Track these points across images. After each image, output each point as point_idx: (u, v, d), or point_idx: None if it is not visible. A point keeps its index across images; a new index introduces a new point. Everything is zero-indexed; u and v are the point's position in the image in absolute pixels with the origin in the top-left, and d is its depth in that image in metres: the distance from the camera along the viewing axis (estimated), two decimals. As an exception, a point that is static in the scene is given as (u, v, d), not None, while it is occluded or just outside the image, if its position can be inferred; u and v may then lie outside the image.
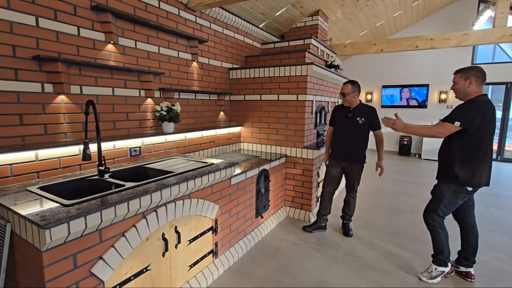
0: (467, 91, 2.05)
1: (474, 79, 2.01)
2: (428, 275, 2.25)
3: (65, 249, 1.24)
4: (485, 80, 2.04)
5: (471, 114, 1.94)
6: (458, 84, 2.10)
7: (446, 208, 2.14)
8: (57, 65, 1.82)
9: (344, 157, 2.88)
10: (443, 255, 2.22)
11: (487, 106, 1.96)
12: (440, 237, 2.20)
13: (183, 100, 2.95)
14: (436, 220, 2.18)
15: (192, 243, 2.01)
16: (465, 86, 2.05)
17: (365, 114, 2.79)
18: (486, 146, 1.98)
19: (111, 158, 2.22)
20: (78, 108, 2.03)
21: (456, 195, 2.08)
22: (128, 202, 1.45)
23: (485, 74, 2.03)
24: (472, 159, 1.99)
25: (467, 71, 2.06)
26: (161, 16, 2.63)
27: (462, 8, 7.06)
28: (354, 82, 2.80)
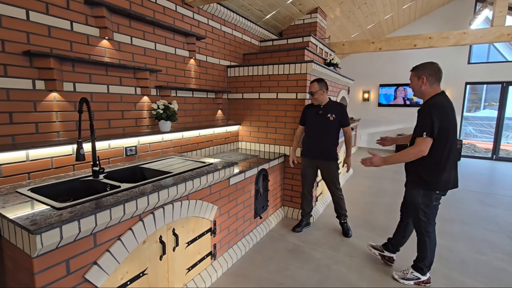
0: (422, 91, 2.00)
1: (426, 79, 1.95)
2: (402, 274, 2.25)
3: (57, 255, 1.18)
4: (441, 77, 1.97)
5: (432, 122, 1.86)
6: (413, 82, 2.04)
7: (427, 212, 2.06)
8: (49, 61, 1.75)
9: (317, 155, 2.88)
10: (424, 262, 2.16)
11: (444, 107, 1.90)
12: (425, 245, 2.13)
13: (180, 98, 2.88)
14: (423, 226, 2.10)
15: (190, 245, 1.96)
16: (419, 86, 1.99)
17: (335, 111, 2.81)
18: (449, 149, 1.93)
19: (106, 158, 2.15)
20: (71, 106, 1.96)
21: (427, 198, 2.02)
22: (124, 204, 1.39)
23: (440, 70, 1.95)
24: (436, 163, 1.94)
25: (420, 69, 1.99)
26: (157, 12, 2.55)
27: (459, 7, 7.07)
28: (320, 80, 2.78)
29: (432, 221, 2.09)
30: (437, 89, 1.98)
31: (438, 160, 1.93)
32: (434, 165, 1.95)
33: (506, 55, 8.49)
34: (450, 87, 7.40)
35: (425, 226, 2.09)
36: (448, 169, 1.95)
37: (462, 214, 3.66)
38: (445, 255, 2.63)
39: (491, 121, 8.82)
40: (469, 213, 3.68)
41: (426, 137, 1.88)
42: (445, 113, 1.88)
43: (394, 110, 8.17)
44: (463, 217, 3.54)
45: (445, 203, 4.01)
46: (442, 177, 1.95)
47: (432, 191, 2.00)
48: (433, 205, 2.04)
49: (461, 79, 7.28)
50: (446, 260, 2.54)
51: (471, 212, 3.72)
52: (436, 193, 2.01)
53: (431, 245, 2.12)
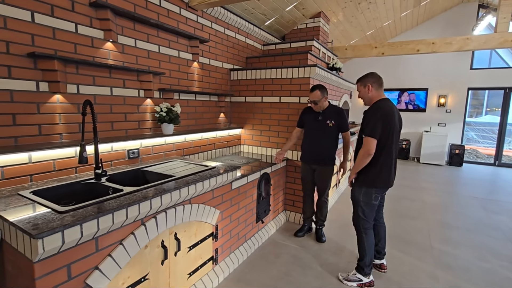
0: (370, 97, 2.17)
1: (371, 85, 2.14)
2: (345, 276, 2.29)
3: (59, 260, 1.16)
4: (383, 83, 2.17)
5: (375, 124, 2.02)
6: (361, 92, 2.22)
7: (365, 210, 2.18)
8: (53, 62, 1.74)
9: (315, 160, 2.86)
10: (364, 261, 2.22)
11: (386, 110, 2.05)
12: (363, 241, 2.22)
13: (183, 101, 2.88)
14: (361, 224, 2.21)
15: (192, 250, 1.94)
16: (366, 93, 2.17)
17: (335, 116, 2.78)
18: (388, 149, 2.07)
19: (109, 160, 2.14)
20: (75, 108, 1.95)
21: (368, 196, 2.15)
22: (127, 208, 1.38)
23: (380, 78, 2.17)
24: (375, 162, 2.07)
25: (364, 79, 2.19)
26: (161, 15, 2.55)
27: (462, 13, 7.08)
28: (321, 87, 2.70)
29: (370, 219, 2.20)
30: (381, 95, 2.16)
31: (376, 159, 2.07)
32: (373, 164, 2.08)
33: (509, 61, 8.49)
34: (452, 92, 7.39)
35: (363, 223, 2.21)
36: (386, 169, 2.10)
37: (465, 220, 3.62)
38: (448, 262, 2.60)
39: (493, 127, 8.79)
40: (472, 220, 3.65)
41: (371, 140, 2.02)
42: (386, 116, 2.03)
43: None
44: (467, 224, 3.51)
45: (449, 209, 4.00)
46: (380, 176, 2.10)
47: (373, 189, 2.12)
48: (372, 203, 2.15)
49: (464, 85, 7.27)
50: (449, 267, 2.51)
51: (474, 219, 3.68)
52: (375, 191, 2.13)
53: (369, 241, 2.21)
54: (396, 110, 2.13)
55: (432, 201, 4.35)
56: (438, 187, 5.20)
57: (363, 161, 2.08)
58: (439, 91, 7.55)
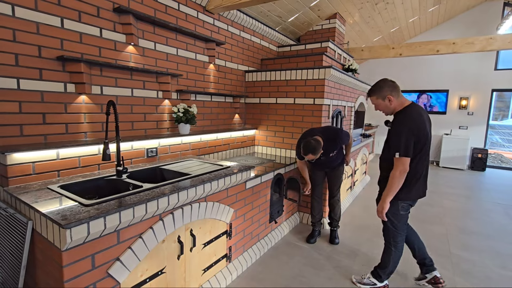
0: (392, 108, 1.99)
1: (391, 96, 1.95)
2: (359, 278, 2.25)
3: (84, 249, 1.24)
4: (399, 87, 1.98)
5: (407, 141, 1.84)
6: (380, 105, 2.03)
7: (394, 222, 2.03)
8: (80, 65, 1.85)
9: (327, 167, 2.89)
10: (384, 270, 2.15)
11: (417, 121, 1.87)
12: (390, 253, 2.10)
13: (199, 102, 2.95)
14: (392, 236, 2.08)
15: (207, 246, 1.99)
16: (388, 106, 1.99)
17: (334, 146, 2.68)
18: (419, 161, 1.91)
19: (129, 158, 2.23)
20: (98, 108, 2.06)
21: (395, 207, 2.00)
22: (146, 203, 1.44)
23: (394, 82, 1.98)
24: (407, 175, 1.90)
25: (379, 90, 1.99)
26: (180, 19, 2.64)
27: (486, 12, 6.81)
28: (318, 142, 2.48)
29: (401, 230, 2.06)
30: (404, 101, 1.98)
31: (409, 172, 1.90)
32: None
33: (537, 61, 8.06)
34: (475, 94, 7.11)
35: (393, 235, 2.07)
36: (416, 180, 1.95)
37: (488, 227, 3.48)
38: (468, 269, 2.51)
39: (519, 130, 8.35)
40: (495, 226, 3.50)
41: (403, 159, 1.85)
42: (418, 129, 1.86)
43: (414, 117, 7.93)
44: (489, 230, 3.37)
45: (470, 215, 3.86)
46: (409, 188, 1.94)
47: (399, 201, 1.98)
48: (400, 214, 2.01)
49: (487, 86, 6.98)
50: (469, 275, 2.43)
51: (497, 225, 3.53)
52: (403, 203, 1.99)
53: (396, 255, 2.10)
54: (426, 114, 1.96)
55: (452, 207, 4.20)
56: (459, 192, 5.02)
57: (400, 182, 1.89)
58: (461, 93, 7.28)
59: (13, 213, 1.44)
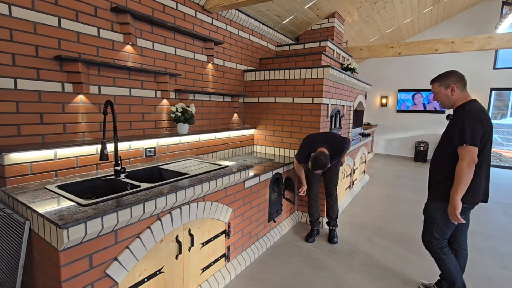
0: (453, 99, 1.86)
1: (455, 86, 1.82)
2: None
3: (82, 249, 1.23)
4: (466, 83, 1.87)
5: (474, 130, 1.68)
6: (440, 94, 1.89)
7: (442, 229, 1.89)
8: (77, 65, 1.85)
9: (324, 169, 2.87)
10: (455, 286, 1.95)
11: (483, 114, 1.74)
12: (444, 262, 1.95)
13: (197, 102, 2.95)
14: (435, 244, 1.95)
15: (205, 246, 1.99)
16: (448, 95, 1.85)
17: (338, 156, 2.76)
18: (482, 160, 1.75)
19: (127, 158, 2.23)
20: (96, 108, 2.05)
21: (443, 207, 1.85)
22: (144, 203, 1.44)
23: (463, 76, 1.86)
24: None
25: (445, 78, 1.86)
26: (178, 18, 2.64)
27: (485, 11, 6.81)
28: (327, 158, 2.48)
29: (445, 237, 1.94)
30: (468, 95, 1.85)
31: None
32: None
33: (536, 60, 8.06)
34: (474, 93, 7.09)
35: (436, 243, 1.94)
36: (478, 182, 1.76)
37: (487, 227, 3.48)
38: (468, 270, 2.50)
39: (518, 129, 8.37)
40: (495, 226, 3.50)
41: (471, 148, 1.67)
42: (483, 121, 1.71)
43: (413, 116, 7.94)
44: (489, 230, 3.37)
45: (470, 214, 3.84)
46: (469, 191, 1.73)
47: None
48: (451, 222, 1.84)
49: (486, 85, 6.99)
50: (470, 275, 2.43)
51: (497, 225, 3.53)
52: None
53: (452, 261, 1.94)
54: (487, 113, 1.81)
55: (451, 205, 4.20)
56: (458, 191, 5.01)
57: (469, 175, 1.69)
58: (460, 92, 7.28)
59: (11, 213, 1.43)
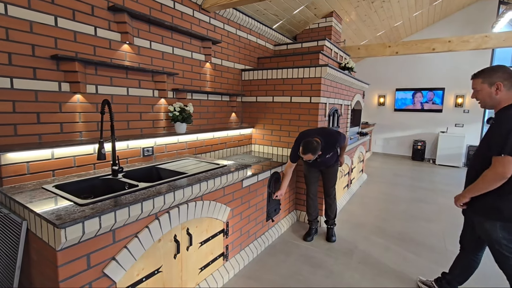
0: (497, 99, 1.63)
1: (502, 84, 1.59)
2: None
3: (79, 249, 1.23)
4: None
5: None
6: (482, 91, 1.68)
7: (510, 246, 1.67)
8: (74, 64, 1.84)
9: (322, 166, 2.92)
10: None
11: None
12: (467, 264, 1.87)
13: (195, 101, 2.94)
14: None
15: (203, 245, 1.99)
16: (492, 94, 1.63)
17: (332, 148, 2.70)
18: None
19: (125, 157, 2.22)
20: (93, 107, 2.04)
21: (509, 231, 1.64)
22: (142, 203, 1.44)
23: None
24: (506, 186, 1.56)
25: (490, 74, 1.64)
26: (175, 17, 2.63)
27: (481, 10, 6.85)
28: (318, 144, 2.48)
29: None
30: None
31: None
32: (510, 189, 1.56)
33: (532, 59, 8.11)
34: (471, 92, 7.16)
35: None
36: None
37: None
38: (464, 266, 2.53)
39: (514, 128, 8.45)
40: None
41: (506, 156, 1.50)
42: None
43: (411, 115, 7.98)
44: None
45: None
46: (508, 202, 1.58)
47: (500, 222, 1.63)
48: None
49: (483, 84, 7.01)
50: (465, 271, 2.45)
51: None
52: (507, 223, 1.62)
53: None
54: None
55: (448, 204, 4.23)
56: (454, 189, 5.05)
57: (491, 185, 1.58)
58: (457, 91, 7.33)
59: (8, 213, 1.43)
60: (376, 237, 3.06)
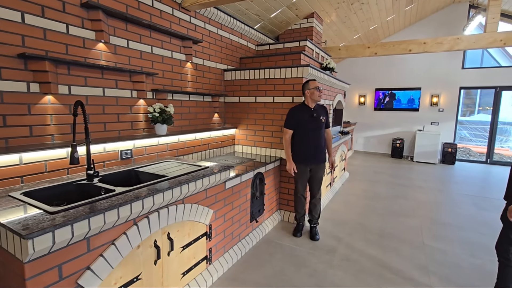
0: None
1: None
2: None
3: (50, 260, 1.16)
4: None
5: None
6: None
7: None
8: (44, 63, 1.74)
9: (313, 158, 2.88)
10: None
11: None
12: (511, 273, 1.82)
13: (176, 102, 2.88)
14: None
15: (185, 249, 1.94)
16: None
17: (323, 112, 2.92)
18: None
19: (101, 161, 2.13)
20: (66, 109, 1.94)
21: None
22: (119, 208, 1.38)
23: None
24: None
25: None
26: (154, 15, 2.56)
27: (453, 13, 7.18)
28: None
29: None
30: None
31: None
32: None
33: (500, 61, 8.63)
34: (444, 92, 7.50)
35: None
36: None
37: (458, 218, 3.68)
38: (440, 259, 2.64)
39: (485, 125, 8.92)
40: (465, 217, 3.70)
41: None
42: None
43: (389, 114, 8.24)
44: (459, 221, 3.56)
45: (442, 207, 4.06)
46: None
47: None
48: None
49: (456, 84, 7.37)
50: (442, 265, 2.55)
51: (467, 216, 3.74)
52: None
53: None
54: None
55: (425, 199, 4.40)
56: (431, 185, 5.27)
57: None
58: (432, 91, 7.65)
59: (-31, 224, 1.32)
60: (358, 234, 3.13)
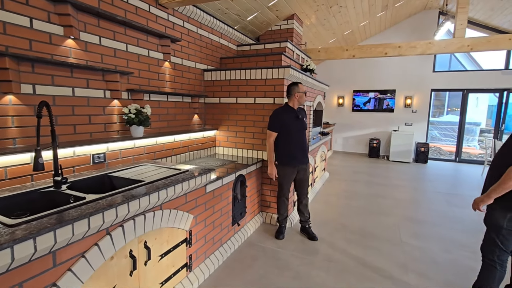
0: None
1: None
2: None
3: (9, 278, 1.04)
4: None
5: None
6: None
7: (508, 240, 1.77)
8: (4, 60, 1.58)
9: (300, 160, 2.91)
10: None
11: None
12: (494, 275, 1.84)
13: (154, 102, 2.76)
14: (498, 256, 1.81)
15: (164, 258, 1.85)
16: None
17: (304, 114, 2.99)
18: None
19: (71, 166, 1.98)
20: (31, 110, 1.79)
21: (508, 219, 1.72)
22: (89, 218, 1.27)
23: None
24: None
25: None
26: (129, 12, 2.43)
27: (425, 19, 7.54)
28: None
29: (509, 249, 1.80)
30: None
31: None
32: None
33: (466, 65, 9.20)
34: (417, 93, 7.84)
35: (500, 254, 1.81)
36: None
37: (432, 215, 3.83)
38: (417, 256, 2.72)
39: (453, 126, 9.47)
40: (438, 214, 3.87)
41: None
42: None
43: (367, 115, 8.49)
44: (434, 218, 3.71)
45: (417, 205, 4.21)
46: None
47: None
48: None
49: (427, 86, 7.74)
50: (419, 261, 2.63)
51: (439, 213, 3.91)
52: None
53: (500, 276, 1.84)
54: None
55: (402, 198, 4.56)
56: (407, 183, 5.48)
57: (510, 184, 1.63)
58: (406, 93, 7.97)
59: None
60: (339, 233, 3.16)
